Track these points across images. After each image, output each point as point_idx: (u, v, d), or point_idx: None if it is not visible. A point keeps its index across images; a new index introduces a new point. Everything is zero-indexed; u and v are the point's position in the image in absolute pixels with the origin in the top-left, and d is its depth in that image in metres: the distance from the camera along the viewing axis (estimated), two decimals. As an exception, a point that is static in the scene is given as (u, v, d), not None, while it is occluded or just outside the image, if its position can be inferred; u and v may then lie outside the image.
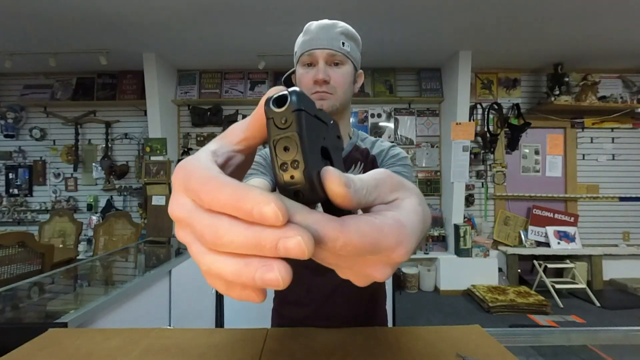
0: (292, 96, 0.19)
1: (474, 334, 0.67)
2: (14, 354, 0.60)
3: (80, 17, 2.67)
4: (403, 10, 2.65)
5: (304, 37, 0.76)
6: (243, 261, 0.17)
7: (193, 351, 0.61)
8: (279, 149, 0.19)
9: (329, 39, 0.73)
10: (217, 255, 0.18)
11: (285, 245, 0.16)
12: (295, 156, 0.19)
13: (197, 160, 0.20)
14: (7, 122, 3.84)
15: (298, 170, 0.19)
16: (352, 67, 0.76)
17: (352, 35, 0.76)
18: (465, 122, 3.54)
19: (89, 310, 1.14)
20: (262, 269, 0.17)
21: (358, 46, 0.79)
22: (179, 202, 0.20)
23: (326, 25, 0.75)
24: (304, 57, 0.74)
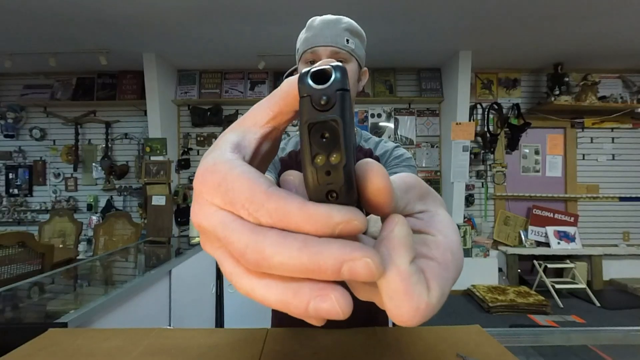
0: (337, 72, 0.16)
1: (474, 334, 0.67)
2: (14, 354, 0.60)
3: (80, 17, 2.67)
4: (403, 10, 2.65)
5: (307, 34, 0.73)
6: (291, 288, 0.14)
7: (193, 351, 0.61)
8: (314, 137, 0.16)
9: (333, 35, 0.70)
10: (259, 279, 0.15)
11: (352, 269, 0.14)
12: (335, 148, 0.15)
13: (227, 162, 0.17)
14: (7, 122, 3.84)
15: (337, 165, 0.15)
16: (357, 65, 0.74)
17: (356, 32, 0.74)
18: (465, 122, 3.54)
19: (89, 310, 1.13)
20: (316, 299, 0.14)
21: (363, 43, 0.77)
22: (207, 211, 0.16)
23: (330, 20, 0.72)
24: (307, 54, 0.72)
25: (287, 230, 0.14)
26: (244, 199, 0.15)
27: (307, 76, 0.16)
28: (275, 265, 0.14)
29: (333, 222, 0.14)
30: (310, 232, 0.14)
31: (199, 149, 3.96)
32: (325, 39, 0.70)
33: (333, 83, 0.15)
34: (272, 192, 0.15)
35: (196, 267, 2.36)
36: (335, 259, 0.13)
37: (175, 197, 3.68)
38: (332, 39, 0.70)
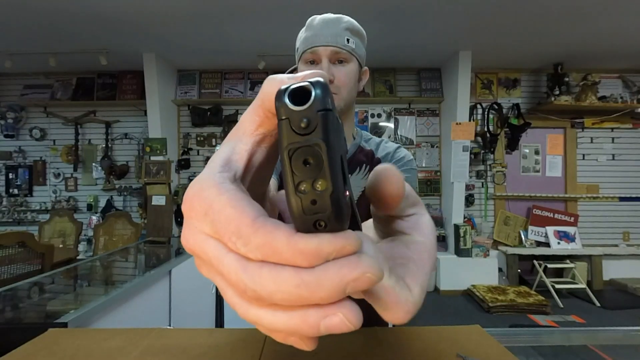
0: (317, 89, 0.14)
1: (474, 334, 0.67)
2: (14, 354, 0.60)
3: (80, 17, 2.67)
4: (403, 10, 2.65)
5: (307, 33, 0.72)
6: (298, 315, 0.14)
7: (193, 351, 0.61)
8: (296, 163, 0.14)
9: (333, 35, 0.69)
10: (265, 309, 0.15)
11: (356, 287, 0.14)
12: (320, 174, 0.14)
13: (214, 187, 0.16)
14: (7, 122, 3.84)
15: (323, 193, 0.14)
16: (357, 64, 0.73)
17: (357, 31, 0.73)
18: (465, 122, 3.54)
19: (89, 310, 1.13)
20: (325, 320, 0.14)
21: (363, 42, 0.76)
22: (198, 238, 0.16)
23: (330, 20, 0.71)
24: (307, 54, 0.71)
25: (280, 264, 0.14)
26: (231, 232, 0.14)
27: (285, 95, 0.15)
28: (278, 301, 0.14)
29: (324, 254, 0.14)
30: (304, 265, 0.14)
31: (199, 149, 3.95)
32: (325, 38, 0.69)
33: (314, 103, 0.14)
34: (259, 225, 0.14)
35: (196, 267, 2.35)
36: (335, 287, 0.13)
37: (175, 197, 3.68)
38: (332, 38, 0.69)
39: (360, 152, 0.78)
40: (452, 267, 3.52)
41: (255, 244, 0.14)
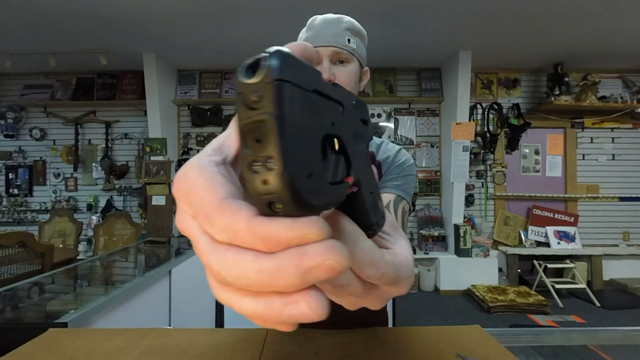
0: (272, 59, 0.13)
1: (474, 334, 0.67)
2: (14, 354, 0.60)
3: (80, 17, 2.67)
4: (403, 10, 2.65)
5: (307, 33, 0.72)
6: (263, 302, 0.14)
7: (193, 351, 0.61)
8: (249, 140, 0.14)
9: (334, 35, 0.69)
10: (233, 293, 0.15)
11: (317, 276, 0.13)
12: (270, 151, 0.13)
13: (198, 169, 0.16)
14: (7, 122, 3.84)
15: (273, 173, 0.13)
16: (358, 64, 0.73)
17: (358, 31, 0.73)
18: (465, 122, 3.54)
19: (89, 310, 1.13)
20: (287, 307, 0.14)
21: (364, 42, 0.76)
22: (184, 219, 0.16)
23: (331, 20, 0.71)
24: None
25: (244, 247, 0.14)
26: (202, 213, 0.15)
27: (240, 69, 0.14)
28: (242, 286, 0.14)
29: (283, 241, 0.13)
30: (264, 251, 0.14)
31: (199, 149, 3.95)
32: (325, 38, 0.69)
33: (267, 73, 0.13)
34: (225, 207, 0.14)
35: (196, 267, 2.36)
36: (295, 274, 0.13)
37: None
38: (332, 38, 0.69)
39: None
40: (452, 267, 3.52)
41: (219, 226, 0.14)
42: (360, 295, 0.19)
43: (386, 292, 0.21)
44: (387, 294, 0.21)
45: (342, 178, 0.18)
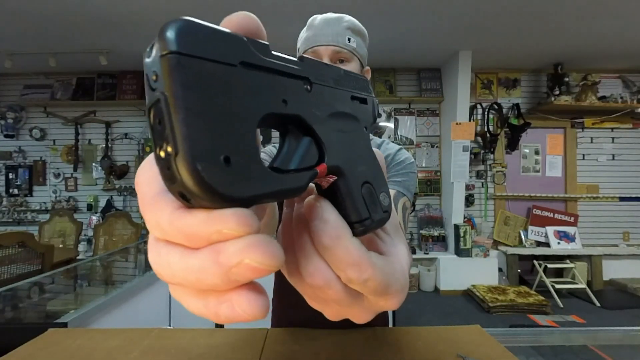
0: (167, 30, 0.12)
1: (475, 334, 0.67)
2: (14, 354, 0.60)
3: (80, 17, 2.67)
4: (403, 10, 2.65)
5: (308, 33, 0.72)
6: (201, 301, 0.14)
7: (193, 351, 0.61)
8: (154, 124, 0.12)
9: (334, 34, 0.69)
10: (182, 290, 0.15)
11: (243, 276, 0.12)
12: (168, 134, 0.12)
13: (149, 164, 0.15)
14: (7, 122, 3.84)
15: (173, 159, 0.12)
16: (359, 64, 0.72)
17: (358, 30, 0.72)
18: (465, 122, 3.54)
19: (89, 310, 1.13)
20: (222, 306, 0.13)
21: (365, 41, 0.75)
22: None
23: (331, 19, 0.70)
24: (307, 53, 0.70)
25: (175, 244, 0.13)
26: (141, 207, 0.14)
27: (148, 48, 0.12)
28: (177, 284, 0.14)
29: (202, 236, 0.12)
30: (189, 247, 0.13)
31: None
32: (326, 37, 0.69)
33: (161, 46, 0.12)
34: (155, 201, 0.13)
35: (196, 267, 2.35)
36: (217, 274, 0.12)
37: (175, 197, 3.68)
38: (333, 37, 0.68)
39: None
40: (452, 267, 3.52)
41: (149, 222, 0.13)
42: (343, 304, 0.18)
43: (373, 304, 0.18)
44: (375, 306, 0.19)
45: (309, 165, 0.16)
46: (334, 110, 0.18)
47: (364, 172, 0.19)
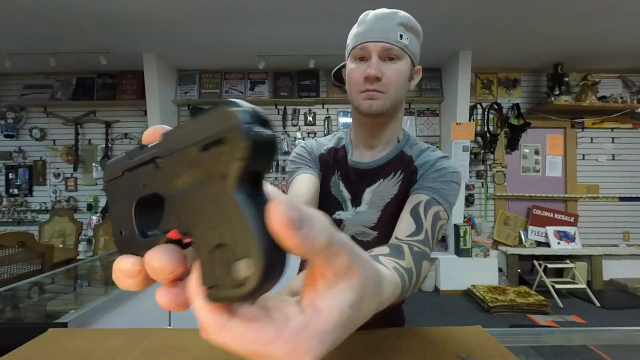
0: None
1: (476, 334, 0.67)
2: (14, 354, 0.60)
3: (80, 17, 2.67)
4: (403, 10, 2.65)
5: (358, 29, 0.69)
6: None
7: (193, 351, 0.61)
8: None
9: (385, 30, 0.65)
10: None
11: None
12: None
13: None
14: (7, 122, 3.84)
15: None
16: (410, 62, 0.68)
17: (412, 27, 0.69)
18: (465, 122, 3.54)
19: (89, 310, 1.13)
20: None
21: (418, 38, 0.72)
22: None
23: (383, 15, 0.68)
24: (356, 50, 0.67)
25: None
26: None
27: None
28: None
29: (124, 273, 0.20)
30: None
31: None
32: (376, 33, 0.65)
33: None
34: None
35: (196, 267, 2.35)
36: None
37: (175, 197, 3.68)
38: (383, 33, 0.65)
39: (399, 158, 0.74)
40: (452, 267, 3.52)
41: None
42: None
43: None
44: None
45: (164, 230, 0.19)
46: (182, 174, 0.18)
47: (220, 233, 0.16)
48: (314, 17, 2.68)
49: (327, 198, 0.75)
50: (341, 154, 0.77)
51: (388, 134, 0.74)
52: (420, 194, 0.65)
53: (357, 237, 0.75)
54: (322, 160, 0.78)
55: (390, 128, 0.74)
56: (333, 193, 0.76)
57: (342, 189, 0.75)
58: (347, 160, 0.76)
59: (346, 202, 0.75)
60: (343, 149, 0.78)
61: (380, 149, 0.75)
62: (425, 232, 0.59)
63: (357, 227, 0.75)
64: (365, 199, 0.73)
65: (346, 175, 0.75)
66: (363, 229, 0.74)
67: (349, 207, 0.75)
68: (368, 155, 0.75)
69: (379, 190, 0.73)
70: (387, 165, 0.74)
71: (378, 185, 0.73)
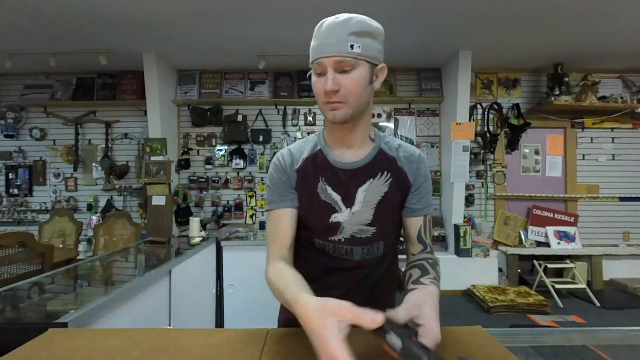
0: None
1: (476, 334, 0.67)
2: (14, 354, 0.60)
3: (80, 17, 2.67)
4: (403, 11, 2.65)
5: (314, 42, 0.72)
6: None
7: (193, 351, 0.61)
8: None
9: (336, 43, 0.68)
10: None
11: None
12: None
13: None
14: (7, 122, 3.84)
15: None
16: (367, 67, 0.71)
17: (365, 31, 0.70)
18: (465, 122, 3.54)
19: (89, 310, 1.13)
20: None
21: (376, 39, 0.72)
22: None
23: (335, 25, 0.69)
24: (315, 65, 0.71)
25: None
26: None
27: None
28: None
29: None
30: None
31: (199, 149, 3.95)
32: (328, 48, 0.68)
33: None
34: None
35: (196, 267, 2.35)
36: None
37: (175, 197, 3.68)
38: (335, 47, 0.68)
39: (382, 157, 0.80)
40: (452, 267, 3.52)
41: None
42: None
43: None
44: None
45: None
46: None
47: None
48: (314, 17, 2.67)
49: (320, 205, 0.78)
50: (320, 158, 0.80)
51: (361, 134, 0.79)
52: (420, 217, 0.82)
53: (357, 235, 0.79)
54: (301, 174, 0.80)
55: (361, 128, 0.78)
56: (323, 199, 0.78)
57: (331, 192, 0.78)
58: (331, 161, 0.78)
59: (338, 204, 0.78)
60: (321, 152, 0.80)
61: (358, 147, 0.79)
62: (429, 245, 0.83)
63: (355, 226, 0.78)
64: (358, 198, 0.77)
65: (333, 177, 0.78)
66: (361, 227, 0.78)
67: (343, 208, 0.78)
68: (349, 154, 0.79)
69: (370, 189, 0.77)
70: (373, 164, 0.79)
71: (369, 184, 0.77)
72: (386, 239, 0.82)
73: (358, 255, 0.80)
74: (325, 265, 0.82)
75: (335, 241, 0.79)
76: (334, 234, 0.79)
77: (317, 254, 0.82)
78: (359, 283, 0.82)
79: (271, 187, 0.81)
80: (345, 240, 0.79)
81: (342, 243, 0.79)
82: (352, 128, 0.77)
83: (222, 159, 3.90)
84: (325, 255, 0.81)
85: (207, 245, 2.65)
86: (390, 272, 0.90)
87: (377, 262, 0.83)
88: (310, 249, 0.83)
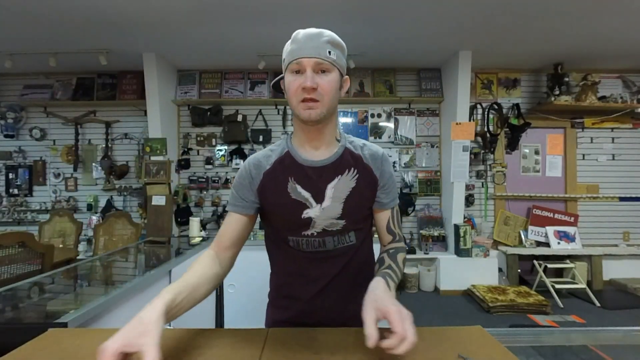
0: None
1: (476, 334, 0.67)
2: (14, 354, 0.60)
3: (80, 17, 2.67)
4: (403, 10, 2.65)
5: (292, 46, 0.78)
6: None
7: (193, 351, 0.61)
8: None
9: (316, 47, 0.75)
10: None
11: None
12: None
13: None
14: (7, 122, 3.84)
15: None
16: (338, 74, 0.79)
17: (337, 44, 0.79)
18: (465, 122, 3.54)
19: (89, 310, 1.13)
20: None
21: (343, 53, 0.82)
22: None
23: (313, 34, 0.77)
24: (293, 64, 0.77)
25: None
26: None
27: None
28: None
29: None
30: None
31: (199, 149, 3.95)
32: (309, 50, 0.75)
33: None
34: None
35: (196, 267, 2.34)
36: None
37: (175, 197, 3.68)
38: (315, 50, 0.75)
39: (349, 156, 0.86)
40: (452, 267, 3.53)
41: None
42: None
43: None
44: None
45: None
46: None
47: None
48: (314, 18, 2.68)
49: (292, 203, 0.83)
50: (289, 160, 0.85)
51: (328, 136, 0.85)
52: (388, 210, 0.89)
53: (328, 229, 0.84)
54: (270, 177, 0.85)
55: (329, 130, 0.84)
56: (294, 197, 0.83)
57: (301, 191, 0.83)
58: (299, 160, 0.84)
59: (309, 200, 0.83)
60: (289, 154, 0.86)
61: (325, 148, 0.85)
62: (398, 234, 0.90)
63: (326, 220, 0.83)
64: (328, 194, 0.83)
65: (302, 176, 0.83)
66: (332, 220, 0.84)
67: (313, 204, 0.83)
68: (317, 153, 0.85)
69: (338, 185, 0.83)
70: (340, 162, 0.84)
71: (337, 181, 0.83)
72: (356, 228, 0.89)
73: (330, 244, 0.86)
74: (303, 259, 0.87)
75: (308, 235, 0.85)
76: (307, 229, 0.84)
77: (293, 251, 0.87)
78: (341, 271, 0.88)
79: (233, 190, 0.88)
80: (317, 234, 0.85)
81: (315, 237, 0.85)
82: (322, 129, 0.83)
83: (222, 159, 3.90)
84: (301, 251, 0.86)
85: (207, 245, 2.65)
86: (372, 258, 0.96)
87: (355, 250, 0.89)
88: (286, 249, 0.88)
